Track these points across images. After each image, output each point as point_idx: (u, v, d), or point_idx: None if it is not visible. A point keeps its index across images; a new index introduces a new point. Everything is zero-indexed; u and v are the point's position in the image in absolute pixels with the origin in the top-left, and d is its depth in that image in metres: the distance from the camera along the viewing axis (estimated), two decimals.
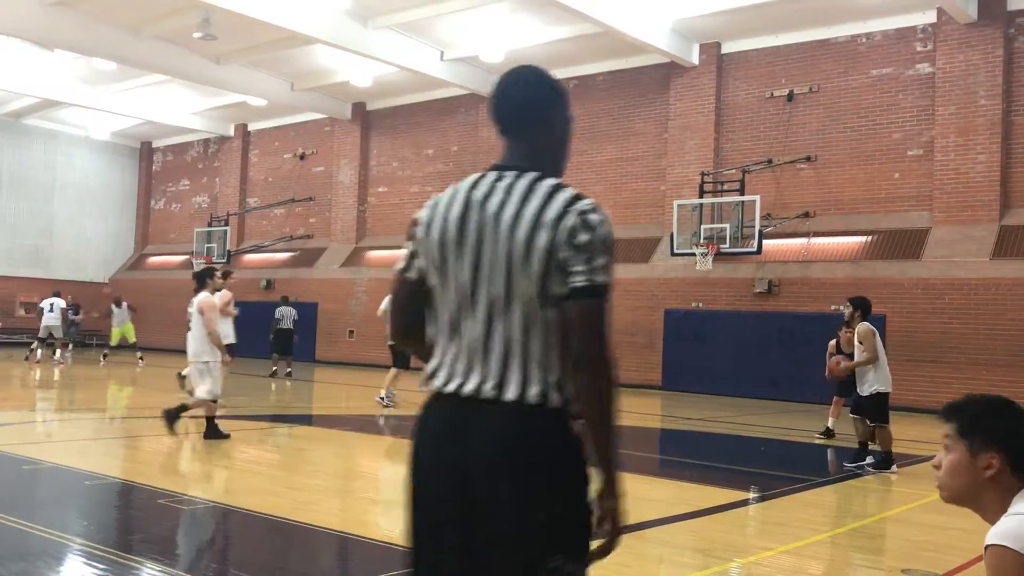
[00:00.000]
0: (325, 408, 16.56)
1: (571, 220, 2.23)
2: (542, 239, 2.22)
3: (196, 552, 5.67)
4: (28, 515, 6.30)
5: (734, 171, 20.57)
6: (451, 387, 2.28)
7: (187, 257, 31.77)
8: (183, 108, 29.95)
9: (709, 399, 18.72)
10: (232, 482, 8.26)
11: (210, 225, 30.98)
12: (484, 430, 2.21)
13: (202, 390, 10.32)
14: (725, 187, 20.66)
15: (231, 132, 32.32)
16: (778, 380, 18.72)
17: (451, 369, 2.31)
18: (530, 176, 2.39)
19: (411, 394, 15.51)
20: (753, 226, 19.27)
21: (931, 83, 18.57)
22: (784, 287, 19.38)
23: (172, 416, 10.07)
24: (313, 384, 20.48)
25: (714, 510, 7.41)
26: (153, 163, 36.08)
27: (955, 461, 2.31)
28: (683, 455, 12.18)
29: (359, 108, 28.41)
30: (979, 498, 2.29)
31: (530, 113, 2.53)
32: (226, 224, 30.73)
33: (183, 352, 11.47)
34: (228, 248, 30.04)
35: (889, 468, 9.85)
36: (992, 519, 2.22)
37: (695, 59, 21.36)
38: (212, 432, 10.36)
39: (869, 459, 10.04)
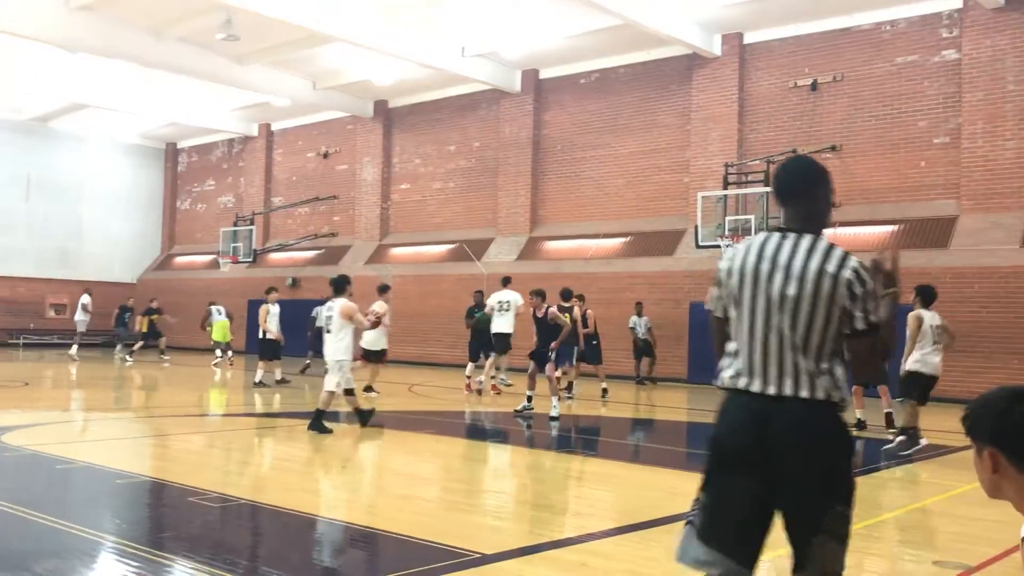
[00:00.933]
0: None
1: (847, 274, 3.12)
2: (826, 286, 3.12)
3: (227, 549, 5.72)
4: (61, 513, 6.38)
5: (758, 162, 20.44)
6: (755, 387, 3.20)
7: (213, 257, 32.01)
8: (207, 109, 30.18)
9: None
10: (262, 479, 8.32)
11: (236, 224, 31.19)
12: (784, 416, 3.13)
13: (331, 382, 11.04)
14: (749, 178, 20.53)
15: (255, 132, 32.53)
16: None
17: (750, 373, 3.22)
18: (809, 237, 3.29)
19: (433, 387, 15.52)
20: (778, 217, 19.07)
21: (957, 70, 18.35)
22: None
23: (364, 415, 11.30)
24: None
25: None
26: (178, 164, 36.38)
27: (974, 460, 2.33)
28: (705, 447, 12.12)
29: (381, 106, 28.49)
30: (1002, 494, 2.29)
31: (803, 190, 3.46)
32: (251, 223, 30.92)
33: (210, 351, 11.57)
34: (254, 247, 30.23)
35: (904, 446, 9.90)
36: None
37: (717, 50, 21.23)
38: (317, 424, 10.83)
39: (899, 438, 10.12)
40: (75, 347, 25.67)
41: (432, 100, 27.38)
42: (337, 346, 11.05)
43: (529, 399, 13.51)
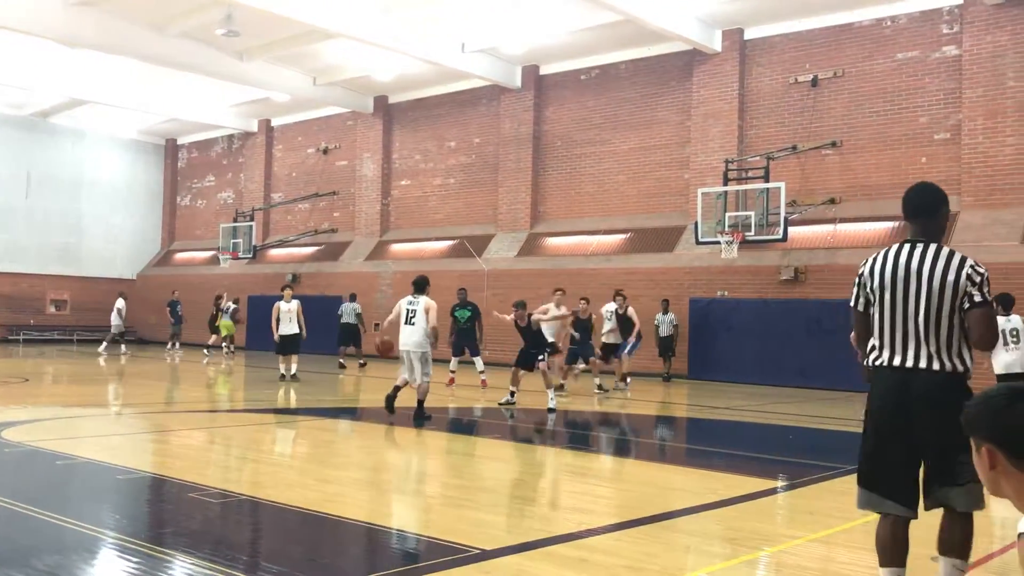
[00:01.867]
0: (351, 402, 16.64)
1: (966, 271, 4.20)
2: (950, 282, 4.17)
3: (227, 545, 5.73)
4: (62, 509, 6.40)
5: (758, 158, 20.43)
6: (895, 362, 4.27)
7: (213, 253, 32.02)
8: (207, 105, 30.17)
9: (735, 388, 18.64)
10: (262, 475, 8.34)
11: (236, 220, 31.19)
12: (919, 383, 4.18)
13: (420, 373, 11.96)
14: (749, 174, 20.52)
15: (255, 128, 32.52)
16: (805, 368, 18.60)
17: (891, 352, 4.29)
18: (933, 246, 4.29)
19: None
20: (778, 213, 19.12)
21: (957, 66, 18.33)
22: (811, 274, 19.24)
23: (419, 414, 11.86)
24: (337, 377, 20.58)
25: (743, 499, 7.39)
26: (178, 160, 36.38)
27: (973, 457, 2.34)
28: (711, 444, 12.14)
29: (381, 101, 28.47)
30: (1001, 490, 2.30)
31: (928, 209, 4.40)
32: (251, 219, 30.92)
33: (209, 347, 11.55)
34: (254, 243, 30.24)
35: None
36: (1022, 508, 2.21)
37: (718, 46, 21.21)
38: (420, 414, 11.85)
39: None
40: (104, 344, 27.00)
41: (432, 96, 27.36)
42: (421, 340, 11.94)
43: (512, 394, 14.06)
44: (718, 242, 19.78)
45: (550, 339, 15.34)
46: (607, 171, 23.59)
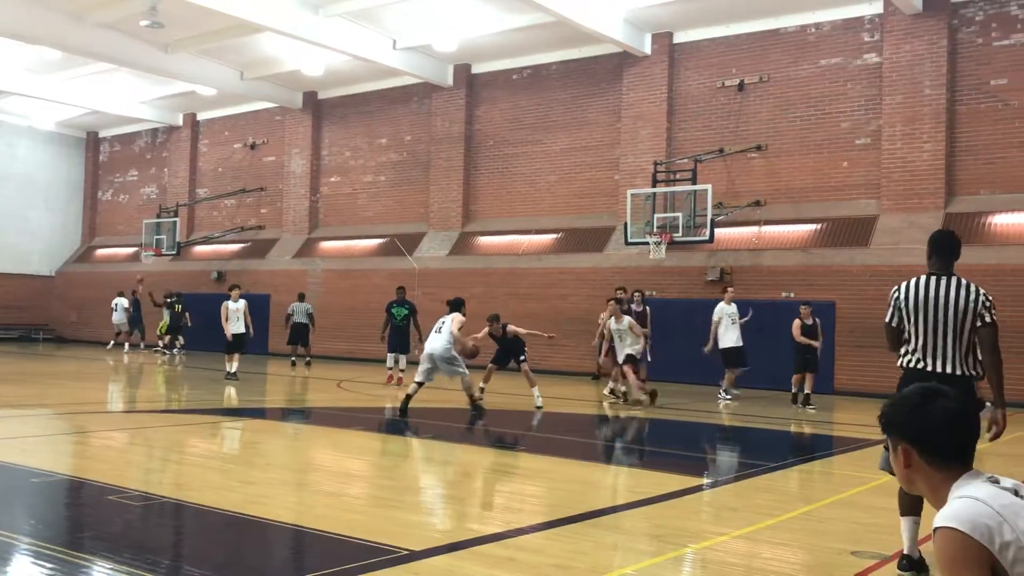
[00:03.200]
0: (277, 401, 16.41)
1: (980, 299, 5.50)
2: (969, 307, 5.47)
3: (148, 549, 5.59)
4: None
5: (686, 160, 20.73)
6: (928, 367, 5.50)
7: (136, 249, 31.27)
8: (130, 97, 29.41)
9: (662, 386, 18.87)
10: (184, 477, 8.16)
11: (159, 216, 30.48)
12: (948, 384, 4.33)
13: (463, 374, 12.93)
14: (678, 176, 20.81)
15: (180, 122, 31.82)
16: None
17: (924, 358, 5.53)
18: (954, 278, 5.59)
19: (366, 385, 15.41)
20: (705, 215, 19.44)
21: (878, 73, 18.87)
22: (736, 275, 19.59)
23: (476, 409, 12.95)
24: (266, 377, 20.27)
25: (668, 496, 7.48)
26: (100, 153, 35.39)
27: (890, 455, 2.42)
28: (636, 442, 12.27)
29: (310, 97, 28.12)
30: (916, 487, 2.39)
31: (950, 251, 5.72)
32: (175, 215, 30.25)
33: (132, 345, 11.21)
34: (178, 240, 29.59)
35: None
36: (937, 505, 2.29)
37: (647, 49, 21.46)
38: (478, 409, 12.99)
39: None
40: (112, 343, 27.28)
41: (363, 92, 27.12)
42: (446, 345, 12.81)
43: (482, 390, 14.41)
44: (647, 243, 20.03)
45: (630, 351, 14.84)
46: (538, 171, 23.69)
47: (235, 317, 18.35)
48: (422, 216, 25.73)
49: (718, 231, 19.61)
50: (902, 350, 5.69)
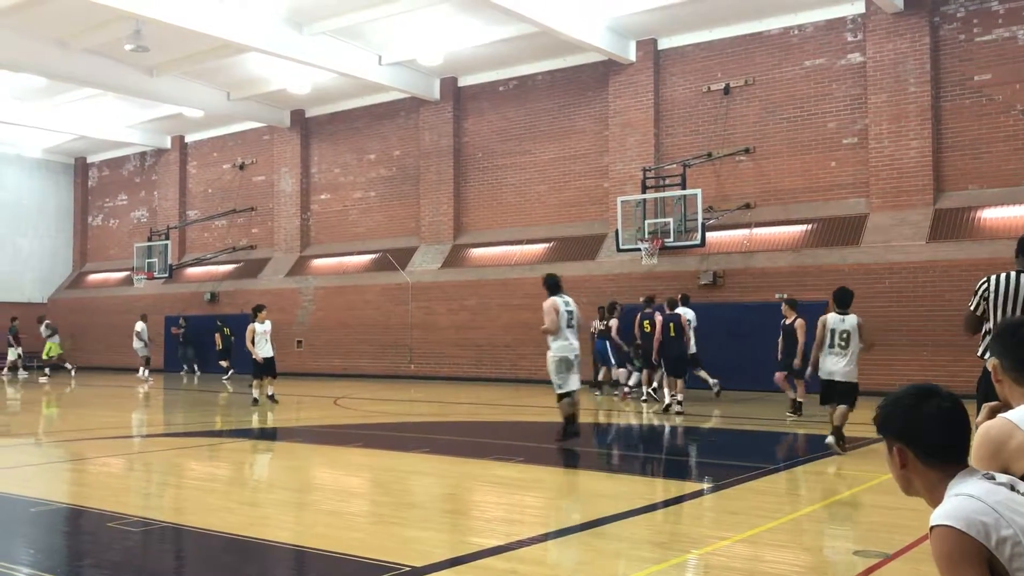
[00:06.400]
0: (276, 421, 16.36)
1: None
2: None
3: (149, 574, 5.57)
4: None
5: (675, 166, 20.79)
6: None
7: (128, 273, 31.20)
8: (117, 122, 29.38)
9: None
10: (184, 501, 8.13)
11: (150, 240, 30.45)
12: None
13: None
14: (667, 182, 20.87)
15: (168, 144, 31.80)
16: (725, 370, 18.90)
17: None
18: None
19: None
20: (696, 219, 19.49)
21: (862, 72, 18.97)
22: (728, 278, 19.63)
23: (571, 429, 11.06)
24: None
25: (669, 503, 7.48)
26: (88, 179, 35.34)
27: (886, 456, 2.43)
28: (636, 449, 12.27)
29: (298, 115, 28.14)
30: (912, 488, 2.40)
31: None
32: (166, 238, 30.22)
33: (126, 370, 11.23)
34: (169, 262, 29.55)
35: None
36: (934, 504, 2.30)
37: (632, 56, 21.54)
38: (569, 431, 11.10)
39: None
40: (142, 370, 26.71)
41: (350, 109, 27.15)
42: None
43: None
44: (638, 249, 20.06)
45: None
46: (528, 181, 23.73)
47: (263, 340, 17.17)
48: (413, 230, 25.74)
49: (709, 235, 19.66)
50: (986, 342, 6.15)
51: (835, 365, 10.19)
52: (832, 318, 10.34)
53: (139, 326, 26.67)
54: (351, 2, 19.31)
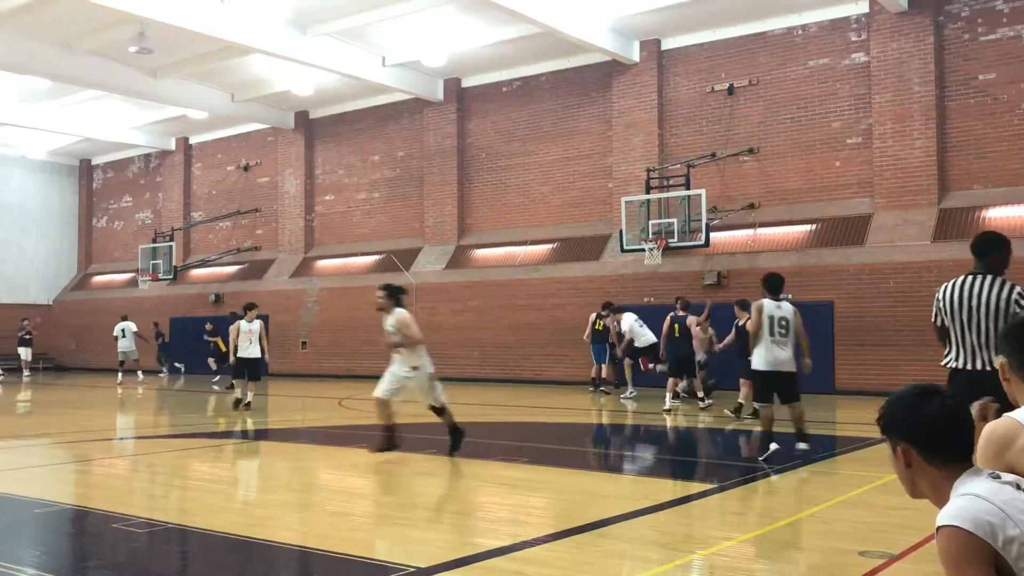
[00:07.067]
0: (280, 422, 16.37)
1: (1014, 296, 5.65)
2: (1003, 305, 5.63)
3: (154, 575, 5.57)
4: None
5: (679, 166, 20.78)
6: (968, 366, 5.69)
7: (133, 275, 31.26)
8: (122, 124, 29.45)
9: (664, 392, 18.85)
10: (188, 502, 8.14)
11: (155, 241, 30.50)
12: (988, 382, 4.61)
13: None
14: (671, 182, 20.86)
15: (172, 146, 31.86)
16: (734, 370, 18.87)
17: (964, 357, 5.74)
18: (991, 277, 5.75)
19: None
20: (700, 219, 19.47)
21: (866, 72, 18.94)
22: (732, 278, 19.61)
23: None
24: (267, 398, 20.23)
25: (674, 503, 7.48)
26: (93, 180, 35.42)
27: (890, 457, 2.43)
28: (641, 450, 12.25)
29: (302, 117, 28.17)
30: (917, 488, 2.39)
31: (988, 251, 5.87)
32: (171, 239, 30.27)
33: (128, 372, 11.21)
34: (174, 264, 29.60)
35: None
36: (939, 504, 2.29)
37: (636, 56, 21.53)
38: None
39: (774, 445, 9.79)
40: (140, 374, 26.24)
41: (354, 110, 27.17)
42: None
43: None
44: (642, 249, 20.05)
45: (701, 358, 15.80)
46: (532, 182, 23.73)
47: (247, 339, 16.29)
48: (417, 231, 25.75)
49: (713, 235, 19.64)
50: (946, 351, 5.87)
51: (782, 354, 9.51)
52: (768, 304, 9.65)
53: (131, 326, 25.90)
54: (355, 3, 19.34)
